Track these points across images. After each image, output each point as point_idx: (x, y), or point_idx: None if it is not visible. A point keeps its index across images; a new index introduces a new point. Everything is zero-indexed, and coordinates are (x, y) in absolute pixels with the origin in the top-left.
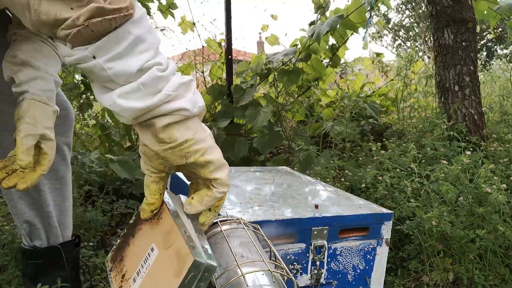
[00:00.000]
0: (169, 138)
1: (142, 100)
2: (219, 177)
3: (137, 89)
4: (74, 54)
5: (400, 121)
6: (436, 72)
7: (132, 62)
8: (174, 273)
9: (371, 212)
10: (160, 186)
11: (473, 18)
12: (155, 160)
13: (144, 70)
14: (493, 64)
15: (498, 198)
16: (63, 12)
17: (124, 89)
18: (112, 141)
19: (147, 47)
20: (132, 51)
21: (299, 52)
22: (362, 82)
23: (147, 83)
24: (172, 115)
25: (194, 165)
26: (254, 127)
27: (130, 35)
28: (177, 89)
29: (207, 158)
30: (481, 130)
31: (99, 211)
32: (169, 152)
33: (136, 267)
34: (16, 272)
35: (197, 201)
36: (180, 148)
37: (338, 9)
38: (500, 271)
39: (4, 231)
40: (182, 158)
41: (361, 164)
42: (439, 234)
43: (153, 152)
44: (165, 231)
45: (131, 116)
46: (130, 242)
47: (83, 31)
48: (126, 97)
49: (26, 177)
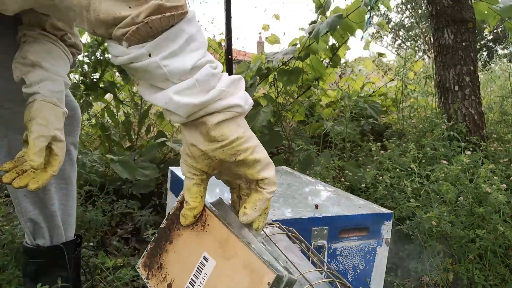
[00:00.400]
0: (220, 136)
1: (197, 96)
2: (267, 176)
3: (193, 86)
4: (129, 53)
5: (400, 121)
6: (436, 72)
7: (186, 60)
8: (249, 284)
9: (371, 212)
10: (201, 188)
11: (473, 18)
12: (201, 160)
13: (197, 68)
14: (493, 64)
15: (498, 198)
16: (122, 10)
17: (181, 86)
18: (112, 141)
19: (198, 45)
20: (186, 49)
21: (299, 51)
22: (362, 82)
23: (202, 79)
24: (225, 112)
25: (243, 164)
26: (254, 127)
27: (184, 33)
28: (229, 86)
29: (256, 156)
30: (481, 130)
31: (99, 211)
32: (219, 151)
33: (186, 276)
34: (16, 272)
35: (251, 209)
36: (231, 146)
37: (338, 8)
38: (500, 271)
39: (4, 231)
40: (231, 157)
41: (361, 164)
42: (439, 234)
43: (201, 152)
44: (220, 240)
45: (186, 113)
46: (168, 248)
47: (142, 29)
48: (183, 94)
49: (37, 177)
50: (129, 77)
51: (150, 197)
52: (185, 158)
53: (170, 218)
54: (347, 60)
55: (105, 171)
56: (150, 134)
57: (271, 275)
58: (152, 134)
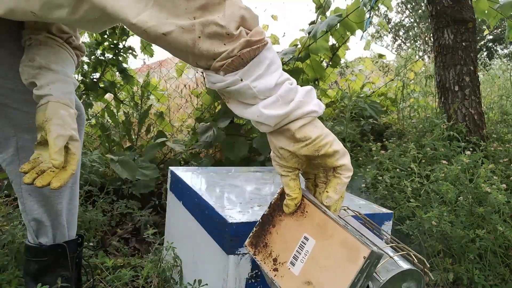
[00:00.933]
0: (304, 137)
1: (281, 108)
2: (344, 163)
3: (276, 100)
4: (225, 80)
5: (400, 121)
6: (436, 72)
7: (269, 80)
8: (348, 259)
9: (371, 212)
10: (297, 182)
11: (473, 18)
12: (290, 159)
13: (279, 85)
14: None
15: (498, 198)
16: (219, 47)
17: (267, 102)
18: (112, 141)
19: (277, 67)
20: (269, 71)
21: (299, 51)
22: (362, 82)
23: (283, 94)
24: (304, 118)
25: (324, 156)
26: (254, 127)
27: (266, 59)
28: (304, 96)
29: (335, 148)
30: (481, 130)
31: (99, 211)
32: (304, 149)
33: (289, 252)
34: (16, 272)
35: (333, 192)
36: (313, 144)
37: (338, 8)
38: (500, 271)
39: (4, 231)
40: (315, 152)
41: (361, 164)
42: (439, 234)
43: (289, 153)
44: (318, 223)
45: (273, 122)
46: (272, 231)
47: (235, 60)
48: (269, 108)
49: (59, 175)
50: (129, 77)
51: (150, 197)
52: (277, 160)
53: (272, 207)
54: (347, 60)
55: (105, 171)
56: (150, 134)
57: (366, 250)
58: (152, 134)
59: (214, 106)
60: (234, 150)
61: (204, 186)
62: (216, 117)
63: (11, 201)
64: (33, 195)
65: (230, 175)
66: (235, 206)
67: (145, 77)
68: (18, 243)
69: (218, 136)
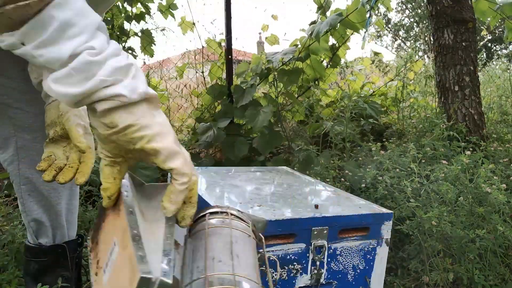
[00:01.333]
0: (110, 123)
1: (76, 86)
2: (173, 166)
3: (69, 75)
4: (3, 40)
5: (400, 121)
6: (436, 72)
7: (63, 48)
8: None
9: (371, 212)
10: (114, 170)
11: (473, 18)
12: (108, 143)
13: (75, 55)
14: (493, 64)
15: (498, 198)
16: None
17: (56, 75)
18: None
19: (79, 31)
20: (61, 37)
21: (299, 51)
22: (362, 82)
23: (78, 68)
24: (111, 100)
25: (144, 152)
26: (254, 127)
27: (54, 20)
28: (113, 74)
29: (154, 145)
30: (481, 130)
31: None
32: (114, 137)
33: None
34: (16, 272)
35: (167, 202)
36: (123, 133)
37: (338, 9)
38: (500, 271)
39: (4, 231)
40: (129, 144)
41: (361, 164)
42: (439, 234)
43: (103, 136)
44: (122, 228)
45: (69, 101)
46: (102, 226)
47: (2, 19)
48: (60, 82)
49: (81, 170)
50: None
51: None
52: (97, 139)
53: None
54: (347, 60)
55: None
56: None
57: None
58: None
59: (214, 106)
60: (234, 150)
61: (204, 186)
62: (216, 117)
63: (11, 201)
64: (32, 195)
65: (230, 175)
66: (235, 206)
67: (145, 77)
68: (18, 243)
69: (218, 136)
